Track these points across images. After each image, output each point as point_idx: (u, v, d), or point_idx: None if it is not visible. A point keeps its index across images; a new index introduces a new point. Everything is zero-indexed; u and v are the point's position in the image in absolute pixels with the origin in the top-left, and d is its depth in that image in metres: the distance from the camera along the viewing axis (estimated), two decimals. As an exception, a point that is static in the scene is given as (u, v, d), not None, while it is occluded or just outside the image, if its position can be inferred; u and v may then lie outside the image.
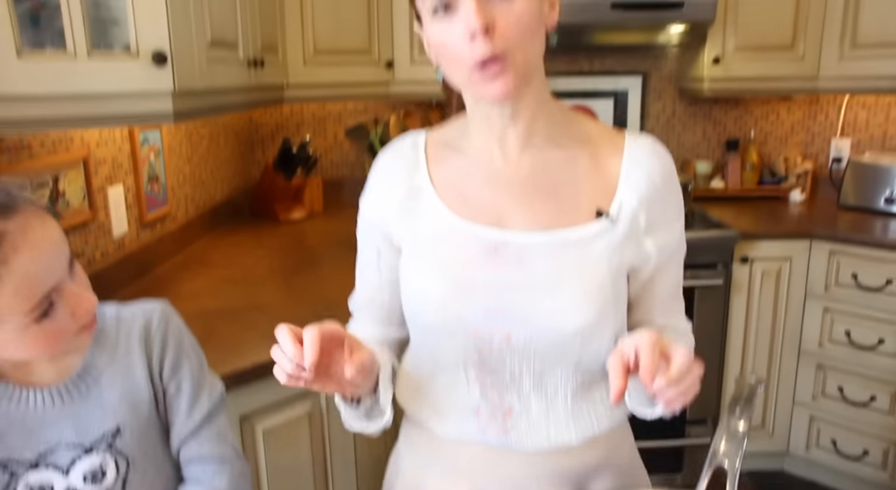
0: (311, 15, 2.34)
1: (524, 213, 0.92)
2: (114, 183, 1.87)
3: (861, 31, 2.62)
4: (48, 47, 1.26)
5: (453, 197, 0.94)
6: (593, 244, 0.90)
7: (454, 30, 0.81)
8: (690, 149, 3.19)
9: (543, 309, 0.88)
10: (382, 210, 0.99)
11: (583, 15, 2.52)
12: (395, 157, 1.00)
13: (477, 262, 0.91)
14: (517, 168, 0.93)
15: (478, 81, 0.83)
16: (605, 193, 0.92)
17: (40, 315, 0.83)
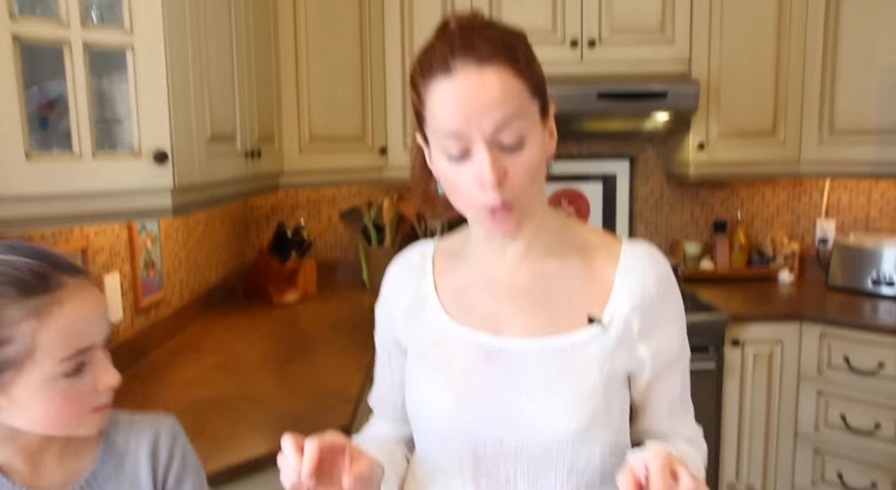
0: (307, 104, 2.42)
1: (520, 320, 0.95)
2: (110, 271, 1.89)
3: (838, 118, 2.72)
4: (55, 149, 1.31)
5: (455, 305, 0.99)
6: (584, 350, 0.92)
7: (466, 174, 0.86)
8: (679, 230, 3.25)
9: (533, 414, 0.90)
10: (392, 316, 1.05)
11: (571, 104, 2.61)
12: (404, 266, 1.07)
13: (473, 368, 0.94)
14: (515, 277, 0.97)
15: (485, 219, 0.89)
16: (599, 301, 0.95)
17: (70, 370, 0.86)
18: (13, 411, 0.87)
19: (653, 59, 2.74)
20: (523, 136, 0.85)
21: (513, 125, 0.84)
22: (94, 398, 0.90)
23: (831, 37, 2.71)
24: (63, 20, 1.23)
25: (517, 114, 0.84)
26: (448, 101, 0.84)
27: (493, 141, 0.84)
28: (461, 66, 0.83)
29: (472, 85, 0.83)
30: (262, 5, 2.10)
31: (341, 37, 2.52)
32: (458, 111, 0.83)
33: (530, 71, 0.88)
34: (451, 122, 0.84)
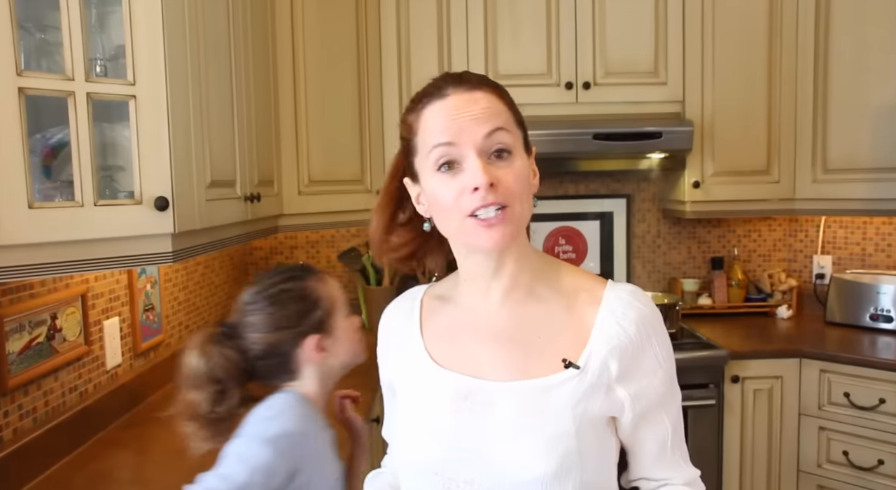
0: (305, 148, 2.46)
1: (497, 363, 0.96)
2: (110, 315, 1.90)
3: (830, 156, 2.76)
4: (58, 197, 1.33)
5: (437, 347, 1.02)
6: (557, 393, 0.92)
7: (456, 184, 0.90)
8: (677, 267, 3.26)
9: (505, 455, 0.91)
10: (384, 359, 1.10)
11: (567, 145, 2.65)
12: (395, 310, 1.11)
13: (448, 409, 0.96)
14: (497, 320, 0.99)
15: (472, 229, 0.90)
16: (578, 344, 0.95)
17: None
18: (336, 349, 1.30)
19: (647, 101, 2.80)
20: (511, 150, 0.92)
21: (502, 135, 0.91)
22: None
23: (821, 77, 2.76)
24: (68, 74, 1.27)
25: (504, 127, 0.92)
26: (441, 116, 0.91)
27: (482, 150, 0.90)
28: (453, 90, 0.92)
29: (464, 101, 0.91)
30: (261, 53, 2.15)
31: (339, 81, 2.57)
32: (451, 123, 0.90)
33: (515, 109, 0.97)
34: (445, 133, 0.90)
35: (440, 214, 0.94)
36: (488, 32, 2.75)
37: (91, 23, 1.38)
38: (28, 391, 1.54)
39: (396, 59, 2.71)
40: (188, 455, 1.62)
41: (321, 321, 1.28)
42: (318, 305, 1.29)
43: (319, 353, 1.28)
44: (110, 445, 1.70)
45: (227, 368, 1.23)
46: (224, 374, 1.22)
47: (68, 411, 1.67)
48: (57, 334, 1.64)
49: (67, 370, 1.70)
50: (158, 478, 1.51)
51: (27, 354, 1.52)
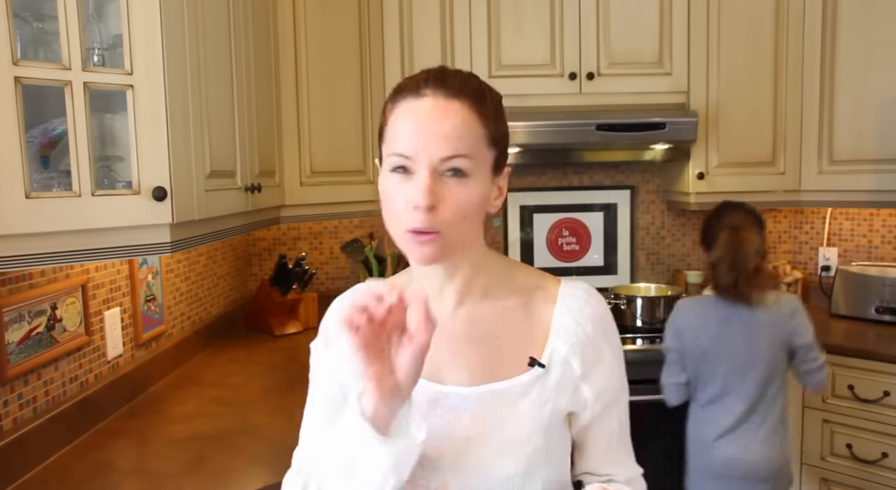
0: (307, 138, 2.45)
1: (460, 366, 0.95)
2: (111, 305, 1.91)
3: (836, 148, 2.74)
4: (55, 188, 1.33)
5: None
6: (524, 395, 0.93)
7: (402, 192, 0.88)
8: (681, 259, 3.25)
9: (476, 458, 0.91)
10: (334, 360, 1.00)
11: (571, 136, 2.64)
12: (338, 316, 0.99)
13: (425, 414, 0.91)
14: (452, 321, 0.97)
15: (409, 241, 0.88)
16: (537, 343, 0.96)
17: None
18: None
19: (651, 91, 2.78)
20: (468, 173, 0.88)
21: (460, 161, 0.87)
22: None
23: (828, 67, 2.74)
24: (65, 64, 1.26)
25: (468, 152, 0.87)
26: (409, 122, 0.88)
27: (436, 170, 0.87)
28: (430, 93, 0.88)
29: (435, 111, 0.87)
30: (262, 43, 2.14)
31: (342, 71, 2.56)
32: (415, 134, 0.87)
33: (495, 123, 0.92)
34: (406, 142, 0.87)
35: (387, 212, 0.92)
36: (491, 22, 2.73)
37: (88, 12, 1.37)
38: (28, 381, 1.54)
39: (399, 48, 2.70)
40: (186, 447, 1.63)
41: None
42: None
43: None
44: (111, 435, 1.71)
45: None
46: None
47: (68, 401, 1.67)
48: (57, 324, 1.64)
49: (68, 360, 1.70)
50: (159, 467, 1.51)
51: (27, 344, 1.52)
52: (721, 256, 2.01)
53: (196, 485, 1.42)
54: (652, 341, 2.65)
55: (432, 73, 0.91)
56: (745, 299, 2.01)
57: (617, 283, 3.13)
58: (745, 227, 2.04)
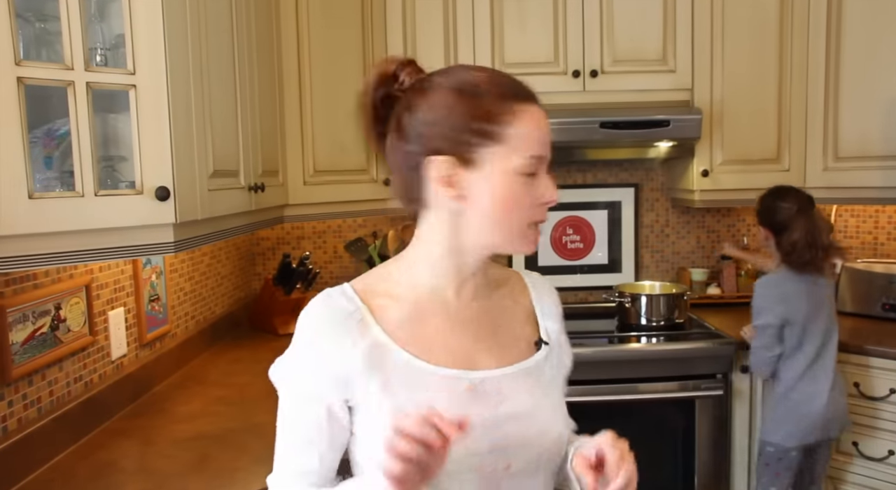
0: (311, 138, 2.45)
1: (486, 353, 1.02)
2: (115, 306, 1.91)
3: (842, 144, 2.73)
4: (58, 188, 1.33)
5: (416, 346, 0.98)
6: (544, 368, 1.06)
7: (531, 190, 0.95)
8: (685, 257, 3.24)
9: (532, 433, 1.00)
10: (341, 368, 0.95)
11: (574, 134, 2.63)
12: (334, 313, 0.98)
13: (465, 404, 0.96)
14: (471, 313, 1.04)
15: (529, 234, 0.97)
16: (531, 325, 1.10)
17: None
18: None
19: (655, 89, 2.77)
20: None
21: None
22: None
23: (833, 64, 2.72)
24: (67, 64, 1.26)
25: None
26: (540, 126, 0.96)
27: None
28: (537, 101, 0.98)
29: (543, 115, 0.98)
30: (265, 43, 2.14)
31: (344, 70, 2.56)
32: (545, 138, 0.97)
33: None
34: (541, 146, 0.96)
35: (503, 212, 0.95)
36: (495, 20, 2.72)
37: (91, 12, 1.37)
38: (32, 381, 1.55)
39: (402, 47, 2.69)
40: (190, 447, 1.63)
41: None
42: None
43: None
44: (115, 435, 1.71)
45: None
46: None
47: (73, 401, 1.67)
48: (61, 325, 1.64)
49: (72, 360, 1.70)
50: (163, 467, 1.52)
51: (31, 344, 1.52)
52: (799, 237, 2.21)
53: (200, 484, 1.42)
54: (656, 340, 2.64)
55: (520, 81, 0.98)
56: (820, 272, 2.27)
57: (621, 282, 3.12)
58: (811, 208, 2.27)
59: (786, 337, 2.29)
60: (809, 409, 2.27)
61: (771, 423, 2.36)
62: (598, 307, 3.05)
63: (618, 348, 2.57)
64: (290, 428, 0.99)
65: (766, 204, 2.35)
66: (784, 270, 2.29)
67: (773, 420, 2.35)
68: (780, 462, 2.31)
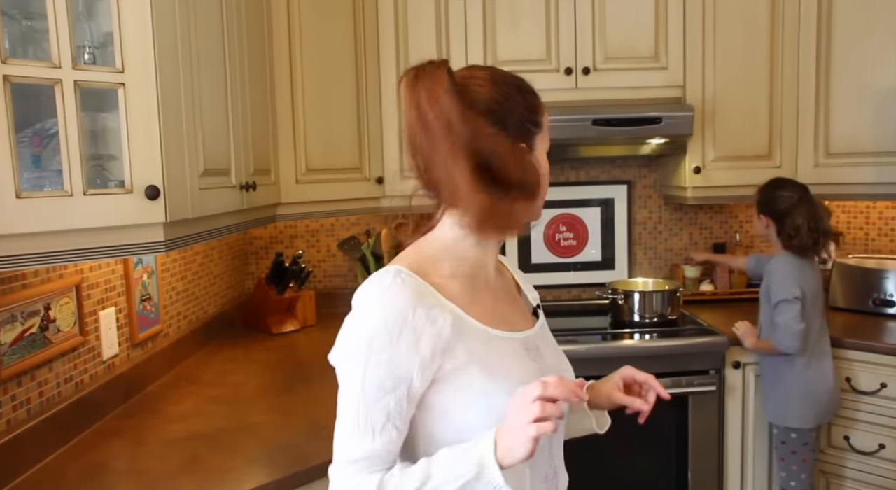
0: (303, 136, 2.44)
1: (517, 316, 1.18)
2: (106, 305, 1.90)
3: (833, 140, 2.73)
4: (46, 187, 1.32)
5: (479, 314, 1.09)
6: (548, 329, 1.24)
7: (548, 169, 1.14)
8: (678, 253, 3.24)
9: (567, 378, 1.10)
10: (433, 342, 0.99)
11: (567, 131, 2.63)
12: (417, 290, 1.00)
13: (525, 360, 1.11)
14: (497, 284, 1.19)
15: (541, 206, 1.13)
16: (521, 296, 1.26)
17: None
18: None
19: (647, 86, 2.77)
20: None
21: None
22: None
23: (824, 60, 2.73)
24: (55, 62, 1.25)
25: None
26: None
27: None
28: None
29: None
30: (256, 40, 2.13)
31: (337, 69, 2.55)
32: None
33: None
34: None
35: (545, 186, 1.12)
36: (487, 17, 2.72)
37: (78, 10, 1.36)
38: (21, 382, 1.53)
39: (394, 45, 2.69)
40: (182, 447, 1.62)
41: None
42: None
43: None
44: (106, 436, 1.70)
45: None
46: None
47: (63, 402, 1.66)
48: (51, 325, 1.63)
49: (62, 361, 1.69)
50: (154, 468, 1.51)
51: (19, 345, 1.51)
52: (802, 222, 2.30)
53: (191, 485, 1.42)
54: (649, 336, 2.64)
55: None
56: (819, 255, 2.38)
57: (614, 279, 3.12)
58: (809, 195, 2.35)
59: (808, 320, 2.33)
60: (825, 387, 2.34)
61: (788, 408, 2.36)
62: (591, 304, 3.05)
63: (611, 345, 2.57)
64: (367, 410, 0.98)
65: (766, 194, 2.40)
66: (785, 255, 2.36)
67: (790, 404, 2.35)
68: (805, 446, 2.35)
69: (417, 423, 1.03)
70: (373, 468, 0.99)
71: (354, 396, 0.98)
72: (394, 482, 0.96)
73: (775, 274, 2.36)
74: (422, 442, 1.04)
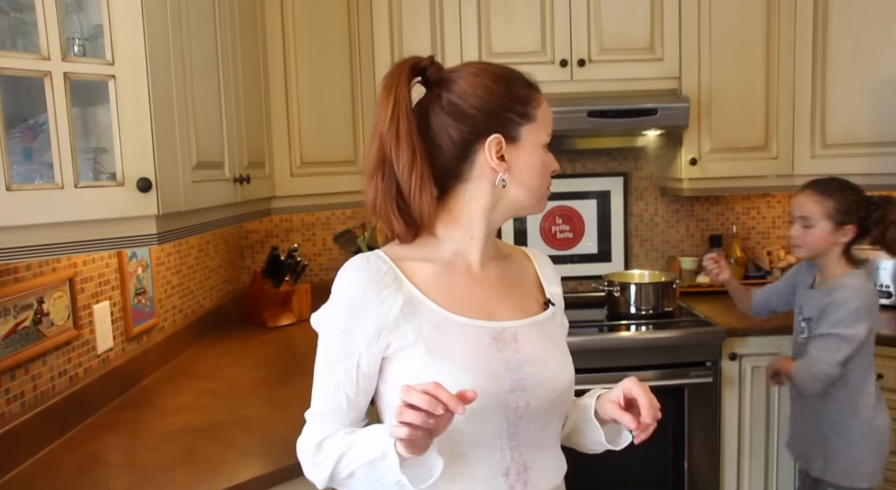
0: (297, 129, 2.43)
1: (505, 306, 1.17)
2: (100, 299, 1.89)
3: (829, 131, 2.73)
4: (37, 180, 1.31)
5: (445, 299, 1.12)
6: (552, 324, 1.22)
7: (548, 161, 1.15)
8: (674, 245, 3.24)
9: (546, 375, 1.13)
10: (378, 321, 1.08)
11: (562, 123, 2.60)
12: (375, 272, 1.10)
13: (490, 350, 1.11)
14: (487, 273, 1.19)
15: (545, 196, 1.17)
16: (538, 288, 1.25)
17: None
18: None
19: (642, 77, 2.76)
20: None
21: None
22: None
23: (820, 51, 2.72)
24: (44, 54, 1.24)
25: None
26: (550, 111, 1.16)
27: None
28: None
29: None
30: (249, 31, 2.12)
31: (331, 61, 2.54)
32: (552, 119, 1.17)
33: None
34: (552, 125, 1.16)
35: (533, 177, 1.13)
36: (481, 10, 2.71)
37: (67, 1, 1.35)
38: (15, 375, 1.53)
39: (388, 37, 2.68)
40: (177, 439, 1.62)
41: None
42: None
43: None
44: (102, 429, 1.70)
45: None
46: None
47: (58, 395, 1.66)
48: (44, 318, 1.63)
49: (56, 354, 1.69)
50: (150, 460, 1.51)
51: (12, 339, 1.51)
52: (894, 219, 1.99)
53: (186, 477, 1.42)
54: (646, 328, 2.64)
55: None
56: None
57: (611, 271, 3.12)
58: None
59: (866, 350, 2.00)
60: (888, 437, 1.99)
61: (857, 465, 1.98)
62: (588, 297, 3.05)
63: (607, 337, 2.57)
64: (324, 372, 1.13)
65: (851, 197, 2.01)
66: (860, 276, 2.02)
67: (859, 459, 1.98)
68: None
69: (380, 393, 1.14)
70: (328, 424, 1.13)
71: (318, 359, 1.14)
72: (330, 442, 1.08)
73: (851, 302, 1.94)
74: (385, 410, 1.15)
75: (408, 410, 0.89)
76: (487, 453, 1.09)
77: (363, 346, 1.09)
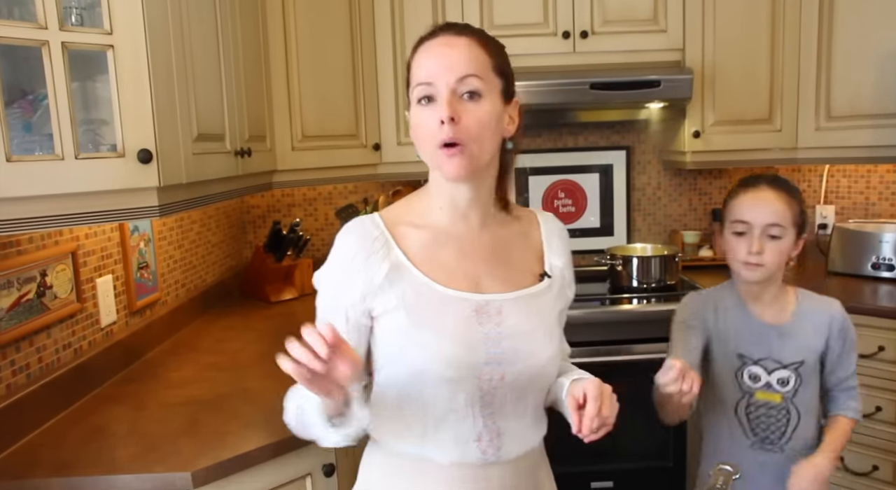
0: (298, 102, 2.42)
1: (493, 278, 1.16)
2: (103, 273, 1.90)
3: (834, 103, 2.71)
4: (37, 151, 1.31)
5: (431, 269, 1.13)
6: (543, 298, 1.19)
7: (430, 116, 1.07)
8: (677, 219, 3.23)
9: (524, 349, 1.13)
10: (364, 285, 1.12)
11: (564, 96, 2.60)
12: (364, 238, 1.14)
13: (470, 321, 1.11)
14: (480, 241, 1.18)
15: (440, 158, 1.07)
16: (538, 258, 1.23)
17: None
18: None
19: (646, 49, 2.73)
20: (480, 93, 1.07)
21: (472, 81, 1.06)
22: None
23: (826, 22, 2.69)
24: (41, 23, 1.23)
25: (478, 74, 1.07)
26: (427, 56, 1.09)
27: (453, 92, 1.06)
28: (442, 33, 1.11)
29: (446, 44, 1.08)
30: (249, 3, 2.10)
31: (332, 34, 2.52)
32: (432, 63, 1.08)
33: (500, 56, 1.13)
34: (425, 71, 1.08)
35: (419, 142, 1.11)
36: (483, -19, 2.67)
37: (64, -30, 1.34)
38: (20, 347, 1.54)
39: (389, 8, 2.64)
40: (181, 411, 1.63)
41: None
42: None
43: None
44: (106, 401, 1.71)
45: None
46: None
47: (63, 367, 1.67)
48: (48, 291, 1.63)
49: (60, 327, 1.69)
50: (154, 431, 1.52)
51: (17, 311, 1.52)
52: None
53: (191, 447, 1.43)
54: (648, 301, 2.65)
55: (444, 23, 1.13)
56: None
57: (613, 244, 3.12)
58: None
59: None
60: None
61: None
62: (590, 270, 3.05)
63: (609, 310, 2.58)
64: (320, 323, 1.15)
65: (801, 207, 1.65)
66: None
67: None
68: None
69: (372, 356, 1.19)
70: None
71: (317, 308, 1.18)
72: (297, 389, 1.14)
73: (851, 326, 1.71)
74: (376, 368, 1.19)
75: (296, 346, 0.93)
76: (459, 419, 1.13)
77: (349, 306, 1.13)
